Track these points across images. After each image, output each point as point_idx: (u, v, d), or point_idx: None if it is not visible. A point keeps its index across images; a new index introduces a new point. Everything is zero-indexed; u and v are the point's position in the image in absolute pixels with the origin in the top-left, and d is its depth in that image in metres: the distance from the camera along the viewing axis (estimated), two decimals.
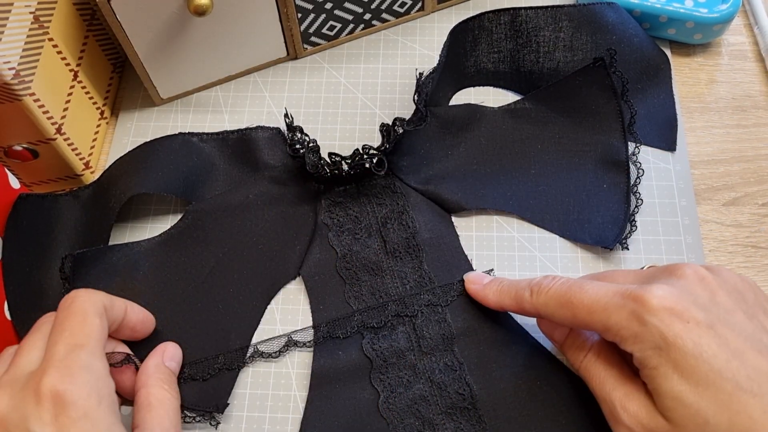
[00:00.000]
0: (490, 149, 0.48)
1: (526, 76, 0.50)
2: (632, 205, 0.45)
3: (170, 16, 0.46)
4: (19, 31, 0.41)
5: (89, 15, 0.49)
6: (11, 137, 0.45)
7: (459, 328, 0.42)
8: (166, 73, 0.50)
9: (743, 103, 0.51)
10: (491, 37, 0.50)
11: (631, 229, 0.44)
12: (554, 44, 0.49)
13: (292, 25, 0.51)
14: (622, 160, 0.46)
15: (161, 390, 0.37)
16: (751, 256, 0.45)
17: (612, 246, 0.44)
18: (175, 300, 0.43)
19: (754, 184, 0.48)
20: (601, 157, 0.47)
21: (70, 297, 0.36)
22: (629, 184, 0.45)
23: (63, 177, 0.49)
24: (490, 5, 0.55)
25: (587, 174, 0.46)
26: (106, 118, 0.52)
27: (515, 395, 0.40)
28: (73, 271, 0.42)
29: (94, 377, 0.34)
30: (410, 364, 0.41)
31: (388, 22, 0.55)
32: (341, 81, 0.53)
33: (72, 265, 0.42)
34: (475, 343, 0.41)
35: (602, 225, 0.45)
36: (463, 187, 0.46)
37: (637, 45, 0.49)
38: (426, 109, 0.46)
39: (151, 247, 0.45)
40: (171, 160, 0.46)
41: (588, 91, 0.47)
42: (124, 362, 0.38)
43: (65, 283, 0.42)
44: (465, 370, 0.40)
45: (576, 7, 0.49)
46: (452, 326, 0.42)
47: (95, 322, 0.35)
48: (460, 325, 0.42)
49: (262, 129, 0.49)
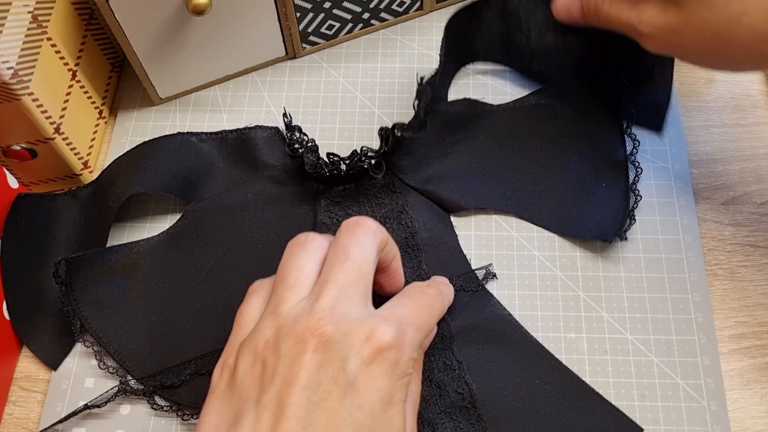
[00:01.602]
0: (490, 148, 0.48)
1: (517, 58, 0.51)
2: (631, 201, 0.45)
3: (169, 16, 0.46)
4: (18, 30, 0.41)
5: (88, 14, 0.49)
6: (10, 137, 0.45)
7: (457, 327, 0.42)
8: (164, 73, 0.50)
9: (742, 102, 0.51)
10: (482, 23, 0.50)
11: (630, 223, 0.44)
12: (546, 27, 0.49)
13: (291, 24, 0.51)
14: (621, 158, 0.46)
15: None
16: (749, 255, 0.45)
17: (611, 239, 0.44)
18: (175, 300, 0.43)
19: (753, 183, 0.48)
20: (600, 156, 0.47)
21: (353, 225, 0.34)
22: (628, 182, 0.45)
23: (62, 176, 0.49)
24: None
25: (587, 172, 0.46)
26: (105, 118, 0.52)
27: (515, 394, 0.40)
28: (70, 275, 0.42)
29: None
30: None
31: (387, 22, 0.55)
32: (340, 80, 0.53)
33: (67, 268, 0.42)
34: (473, 342, 0.41)
35: (601, 221, 0.45)
36: (462, 187, 0.46)
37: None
38: (426, 116, 0.45)
39: (150, 247, 0.45)
40: (170, 159, 0.46)
41: (589, 89, 0.47)
42: None
43: (61, 287, 0.42)
44: (464, 370, 0.40)
45: None
46: (450, 325, 0.42)
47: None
48: (459, 324, 0.42)
49: (261, 128, 0.49)
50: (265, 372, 0.30)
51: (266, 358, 0.31)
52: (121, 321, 0.43)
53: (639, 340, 0.42)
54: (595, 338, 0.42)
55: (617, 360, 0.42)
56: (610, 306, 0.43)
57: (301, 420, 0.28)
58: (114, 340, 0.42)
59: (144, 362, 0.42)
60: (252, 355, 0.31)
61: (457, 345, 0.41)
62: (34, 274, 0.44)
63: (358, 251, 0.33)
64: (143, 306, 0.43)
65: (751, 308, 0.43)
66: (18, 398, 0.42)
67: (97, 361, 0.42)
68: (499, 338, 0.41)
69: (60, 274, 0.42)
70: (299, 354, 0.30)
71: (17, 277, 0.44)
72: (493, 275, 0.44)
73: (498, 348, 0.41)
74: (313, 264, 0.34)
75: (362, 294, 0.32)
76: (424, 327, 0.34)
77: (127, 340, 0.42)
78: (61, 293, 0.42)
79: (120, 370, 0.42)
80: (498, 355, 0.41)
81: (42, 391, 0.43)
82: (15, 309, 0.43)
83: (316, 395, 0.29)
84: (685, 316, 0.43)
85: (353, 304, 0.32)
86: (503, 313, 0.42)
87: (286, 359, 0.30)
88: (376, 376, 0.30)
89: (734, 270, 0.45)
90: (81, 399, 0.42)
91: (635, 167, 0.46)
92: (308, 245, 0.34)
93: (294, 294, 0.32)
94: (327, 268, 0.33)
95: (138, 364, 0.41)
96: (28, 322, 0.44)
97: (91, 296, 0.43)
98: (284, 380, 0.29)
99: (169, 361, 0.41)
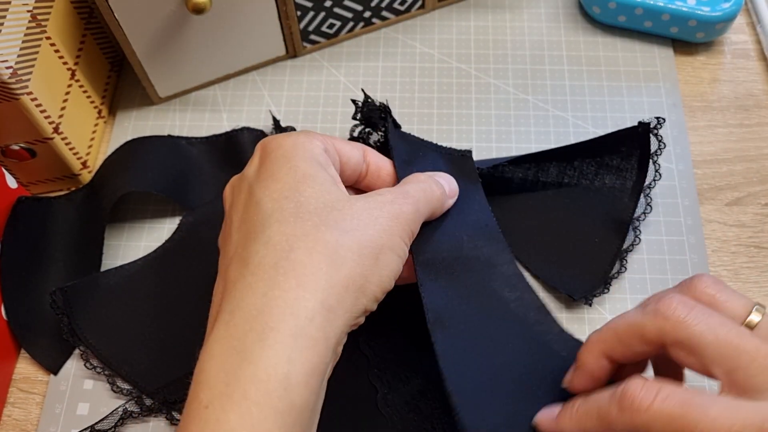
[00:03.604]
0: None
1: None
2: (615, 269, 0.43)
3: (168, 15, 0.45)
4: (17, 29, 0.41)
5: (87, 13, 0.49)
6: (8, 136, 0.44)
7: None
8: (164, 72, 0.50)
9: (746, 102, 0.51)
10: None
11: (603, 290, 0.43)
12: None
13: (292, 23, 0.50)
14: (624, 220, 0.43)
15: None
16: (754, 257, 0.45)
17: (577, 299, 0.42)
18: (179, 314, 0.43)
19: (758, 184, 0.47)
20: (604, 212, 0.44)
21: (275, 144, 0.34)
22: (621, 247, 0.43)
23: (61, 176, 0.48)
24: (491, 4, 0.55)
25: (584, 225, 0.44)
26: (104, 117, 0.52)
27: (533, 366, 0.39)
28: (69, 304, 0.42)
29: (310, 146, 0.34)
30: (408, 360, 0.41)
31: (389, 20, 0.54)
32: (341, 79, 0.53)
33: (65, 297, 0.42)
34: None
35: (578, 276, 0.43)
36: None
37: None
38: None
39: (148, 264, 0.45)
40: (159, 162, 0.46)
41: (616, 152, 0.44)
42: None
43: (63, 318, 0.42)
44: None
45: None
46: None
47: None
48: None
49: (249, 131, 0.48)
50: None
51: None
52: (129, 343, 0.42)
53: None
54: None
55: None
56: (613, 307, 0.43)
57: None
58: (125, 362, 0.41)
59: (158, 381, 0.41)
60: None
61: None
62: (32, 277, 0.44)
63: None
64: (149, 325, 0.43)
65: None
66: (17, 400, 0.42)
67: (110, 384, 0.41)
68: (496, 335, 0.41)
69: (58, 305, 0.42)
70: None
71: (15, 279, 0.44)
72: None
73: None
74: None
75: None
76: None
77: (138, 360, 0.42)
78: (64, 324, 0.42)
79: (134, 391, 0.41)
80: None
81: (41, 392, 0.42)
82: (14, 314, 0.43)
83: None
84: None
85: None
86: (501, 310, 0.41)
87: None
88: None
89: (738, 271, 0.44)
90: (80, 401, 0.42)
91: (635, 234, 0.44)
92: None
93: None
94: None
95: (151, 383, 0.41)
96: (27, 327, 0.43)
97: (96, 323, 0.42)
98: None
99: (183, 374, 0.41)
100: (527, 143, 0.49)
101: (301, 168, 0.32)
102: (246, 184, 0.34)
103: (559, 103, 0.51)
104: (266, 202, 0.32)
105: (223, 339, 0.29)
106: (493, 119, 0.50)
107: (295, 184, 0.32)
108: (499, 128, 0.50)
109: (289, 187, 0.32)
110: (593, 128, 0.50)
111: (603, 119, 0.50)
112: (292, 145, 0.33)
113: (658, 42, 0.53)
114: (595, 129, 0.49)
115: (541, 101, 0.51)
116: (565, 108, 0.51)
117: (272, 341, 0.28)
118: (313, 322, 0.29)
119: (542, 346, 0.38)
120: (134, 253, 0.46)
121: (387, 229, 0.32)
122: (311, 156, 0.33)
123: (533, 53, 0.53)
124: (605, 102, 0.51)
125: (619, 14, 0.52)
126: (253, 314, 0.29)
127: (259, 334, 0.28)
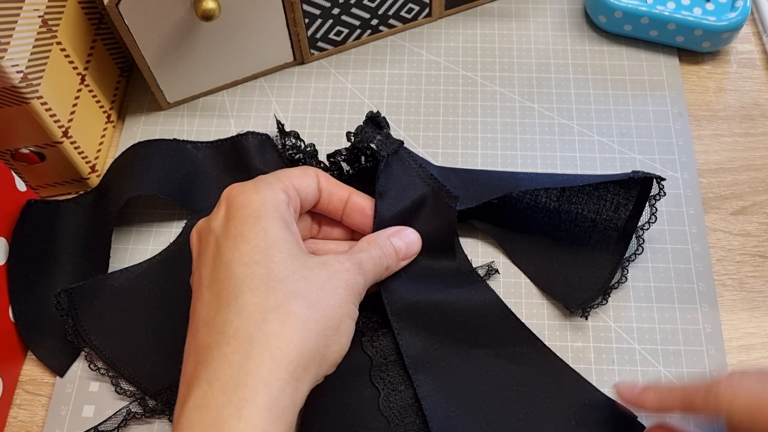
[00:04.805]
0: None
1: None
2: (615, 278, 0.42)
3: (178, 21, 0.46)
4: (28, 34, 0.42)
5: (97, 19, 0.49)
6: (18, 140, 0.45)
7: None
8: (173, 78, 0.50)
9: (752, 112, 0.51)
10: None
11: (601, 302, 0.43)
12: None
13: (299, 30, 0.51)
14: (627, 231, 0.43)
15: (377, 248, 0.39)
16: (759, 266, 0.45)
17: (574, 310, 0.42)
18: (183, 316, 0.43)
19: (763, 193, 0.47)
20: (606, 225, 0.43)
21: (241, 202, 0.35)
22: (621, 257, 0.42)
23: (69, 180, 0.49)
24: (498, 12, 0.55)
25: (586, 234, 0.44)
26: (113, 122, 0.52)
27: (513, 389, 0.40)
28: (74, 305, 0.42)
29: (275, 203, 0.35)
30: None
31: (396, 28, 0.55)
32: (348, 86, 0.53)
33: (70, 299, 0.42)
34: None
35: (576, 285, 0.43)
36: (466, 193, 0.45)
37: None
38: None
39: (153, 266, 0.45)
40: (165, 165, 0.46)
41: (616, 193, 0.43)
42: None
43: (68, 319, 0.42)
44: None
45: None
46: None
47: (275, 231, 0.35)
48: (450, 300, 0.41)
49: (253, 135, 0.49)
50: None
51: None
52: (133, 344, 0.42)
53: (646, 350, 0.42)
54: (603, 348, 0.42)
55: (624, 370, 0.41)
56: (617, 315, 0.43)
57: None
58: (129, 363, 0.42)
59: (161, 383, 0.41)
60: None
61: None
62: (39, 280, 0.45)
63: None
64: (153, 327, 0.43)
65: (760, 319, 0.43)
66: (23, 401, 0.42)
67: (114, 386, 0.42)
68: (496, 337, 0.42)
69: (63, 306, 0.42)
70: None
71: (23, 281, 0.44)
72: (495, 270, 0.44)
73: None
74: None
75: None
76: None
77: (141, 362, 0.42)
78: (68, 325, 0.42)
79: (138, 392, 0.42)
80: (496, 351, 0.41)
81: (47, 394, 0.43)
82: (21, 316, 0.44)
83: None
84: (694, 327, 0.42)
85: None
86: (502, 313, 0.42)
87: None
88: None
89: (743, 280, 0.44)
90: (85, 403, 0.42)
91: (638, 243, 0.44)
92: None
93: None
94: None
95: (154, 385, 0.41)
96: (34, 329, 0.44)
97: (100, 324, 0.42)
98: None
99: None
100: (532, 151, 0.49)
101: (271, 232, 0.34)
102: (213, 237, 0.35)
103: (565, 111, 0.51)
104: (237, 266, 0.33)
105: (202, 408, 0.30)
106: (499, 127, 0.51)
107: (266, 248, 0.33)
108: (504, 136, 0.50)
109: (260, 250, 0.33)
110: (598, 137, 0.50)
111: (608, 128, 0.50)
112: (260, 202, 0.34)
113: (663, 51, 0.53)
114: (600, 137, 0.50)
115: (547, 109, 0.51)
116: (571, 116, 0.51)
117: (248, 413, 0.30)
118: (284, 393, 0.31)
119: (523, 371, 0.40)
120: (141, 257, 0.46)
121: (345, 299, 0.34)
122: (279, 216, 0.35)
123: (539, 61, 0.53)
124: (611, 110, 0.51)
125: (625, 23, 0.52)
126: (230, 386, 0.30)
127: (236, 406, 0.30)
